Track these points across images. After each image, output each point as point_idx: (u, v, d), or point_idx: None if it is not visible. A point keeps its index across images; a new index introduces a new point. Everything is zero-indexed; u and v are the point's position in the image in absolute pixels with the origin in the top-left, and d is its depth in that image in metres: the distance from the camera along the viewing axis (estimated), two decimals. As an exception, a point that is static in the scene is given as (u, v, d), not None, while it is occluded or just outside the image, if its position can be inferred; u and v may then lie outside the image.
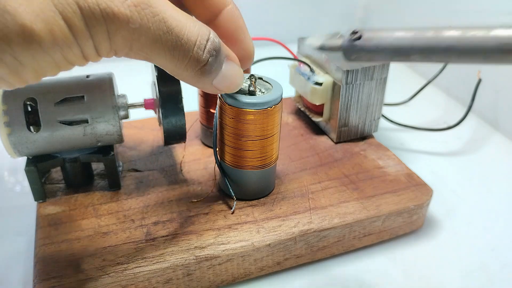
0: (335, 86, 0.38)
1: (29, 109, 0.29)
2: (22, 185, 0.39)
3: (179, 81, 0.31)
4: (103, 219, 0.31)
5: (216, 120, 0.32)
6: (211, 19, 0.27)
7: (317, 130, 0.42)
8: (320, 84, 0.39)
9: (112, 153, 0.32)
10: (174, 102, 0.30)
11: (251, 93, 0.30)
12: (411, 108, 0.51)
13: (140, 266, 0.28)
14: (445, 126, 0.45)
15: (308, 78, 0.39)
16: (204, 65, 0.23)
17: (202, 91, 0.37)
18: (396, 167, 0.37)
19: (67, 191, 0.33)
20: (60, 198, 0.33)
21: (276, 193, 0.34)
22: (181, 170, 0.36)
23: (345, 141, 0.41)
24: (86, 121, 0.30)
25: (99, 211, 0.32)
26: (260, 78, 0.31)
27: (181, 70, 0.23)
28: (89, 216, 0.31)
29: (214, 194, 0.34)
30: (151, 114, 0.35)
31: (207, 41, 0.22)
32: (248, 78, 0.30)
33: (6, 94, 0.28)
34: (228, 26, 0.27)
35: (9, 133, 0.29)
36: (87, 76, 0.31)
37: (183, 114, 0.31)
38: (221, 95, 0.30)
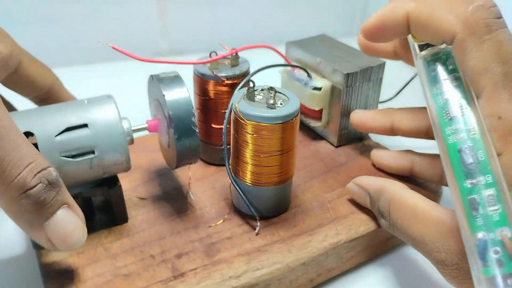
0: (334, 90, 0.38)
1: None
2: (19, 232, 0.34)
3: (190, 98, 0.28)
4: (119, 259, 0.28)
5: (225, 136, 0.30)
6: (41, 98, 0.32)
7: (314, 135, 0.41)
8: (319, 89, 0.38)
9: (118, 183, 0.29)
10: (187, 122, 0.28)
11: (271, 106, 0.28)
12: (401, 104, 0.51)
13: (177, 308, 0.25)
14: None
15: (305, 84, 0.38)
16: (29, 189, 0.20)
17: (200, 104, 0.35)
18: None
19: (67, 232, 0.29)
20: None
21: (294, 206, 0.33)
22: (189, 193, 0.33)
23: (344, 144, 0.40)
24: (92, 152, 0.27)
25: (111, 251, 0.29)
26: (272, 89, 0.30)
27: None
28: (101, 258, 0.28)
29: (231, 215, 0.32)
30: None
31: (42, 169, 0.21)
32: (268, 90, 0.28)
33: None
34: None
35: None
36: (86, 101, 0.27)
37: (197, 134, 0.29)
38: (239, 109, 0.28)
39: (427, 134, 0.34)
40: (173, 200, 0.33)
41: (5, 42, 0.29)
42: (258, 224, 0.30)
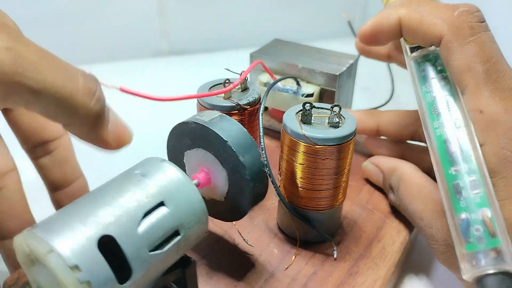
0: (324, 93, 0.37)
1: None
2: None
3: (253, 139, 0.25)
4: None
5: (266, 158, 0.27)
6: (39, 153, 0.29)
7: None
8: (311, 94, 0.37)
9: (192, 259, 0.24)
10: (258, 165, 0.25)
11: (335, 125, 0.27)
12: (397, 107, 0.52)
13: None
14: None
15: (295, 93, 0.37)
16: (98, 99, 0.21)
17: None
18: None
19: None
20: None
21: (342, 220, 0.32)
22: (246, 240, 0.30)
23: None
24: (177, 233, 0.21)
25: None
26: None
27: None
28: None
29: (296, 249, 0.29)
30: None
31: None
32: (330, 109, 0.27)
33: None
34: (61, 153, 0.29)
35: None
36: (138, 172, 0.22)
37: (267, 175, 0.25)
38: (307, 135, 0.26)
39: (412, 138, 0.35)
40: (233, 255, 0.29)
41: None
42: (335, 248, 0.29)
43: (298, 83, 0.37)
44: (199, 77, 0.36)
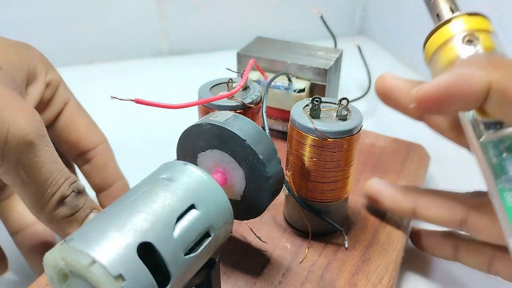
0: (315, 87, 0.38)
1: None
2: None
3: (268, 136, 0.25)
4: None
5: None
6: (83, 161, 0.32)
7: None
8: (303, 90, 0.38)
9: (216, 260, 0.24)
10: (276, 161, 0.25)
11: (343, 118, 0.27)
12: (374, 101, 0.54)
13: None
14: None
15: (286, 89, 0.38)
16: (64, 198, 0.25)
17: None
18: (386, 139, 0.41)
19: None
20: None
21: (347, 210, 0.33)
22: (259, 237, 0.30)
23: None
24: (208, 235, 0.21)
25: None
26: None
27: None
28: None
29: (307, 242, 0.30)
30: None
31: (74, 181, 0.25)
32: (338, 102, 0.27)
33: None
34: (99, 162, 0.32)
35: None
36: (164, 176, 0.22)
37: (283, 172, 0.26)
38: (318, 128, 0.26)
39: (458, 227, 0.28)
40: (248, 252, 0.29)
41: (55, 72, 0.31)
42: (346, 238, 0.30)
43: (289, 79, 0.37)
44: (199, 77, 0.36)
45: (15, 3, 0.55)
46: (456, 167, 0.42)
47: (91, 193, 0.32)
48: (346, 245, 0.30)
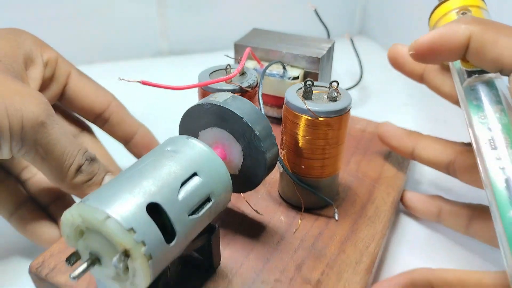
0: (308, 75, 0.41)
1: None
2: None
3: (263, 113, 0.28)
4: (255, 298, 0.26)
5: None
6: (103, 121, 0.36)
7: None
8: (297, 77, 0.40)
9: (216, 225, 0.27)
10: (271, 138, 0.27)
11: (334, 100, 0.30)
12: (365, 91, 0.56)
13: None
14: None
15: (281, 76, 0.40)
16: (80, 166, 0.28)
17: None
18: (375, 125, 0.43)
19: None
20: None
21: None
22: (257, 211, 0.32)
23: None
24: (209, 200, 0.24)
25: (238, 295, 0.26)
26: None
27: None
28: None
29: (300, 214, 0.32)
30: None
31: (85, 151, 0.29)
32: (329, 85, 0.30)
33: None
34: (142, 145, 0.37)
35: (151, 260, 0.20)
36: (169, 148, 0.24)
37: (277, 147, 0.28)
38: (311, 109, 0.29)
39: (446, 169, 0.33)
40: (245, 224, 0.31)
41: (51, 50, 0.33)
42: (336, 210, 0.32)
43: (284, 68, 0.40)
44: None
45: (15, 4, 0.56)
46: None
47: (119, 146, 0.38)
48: (337, 217, 0.32)
